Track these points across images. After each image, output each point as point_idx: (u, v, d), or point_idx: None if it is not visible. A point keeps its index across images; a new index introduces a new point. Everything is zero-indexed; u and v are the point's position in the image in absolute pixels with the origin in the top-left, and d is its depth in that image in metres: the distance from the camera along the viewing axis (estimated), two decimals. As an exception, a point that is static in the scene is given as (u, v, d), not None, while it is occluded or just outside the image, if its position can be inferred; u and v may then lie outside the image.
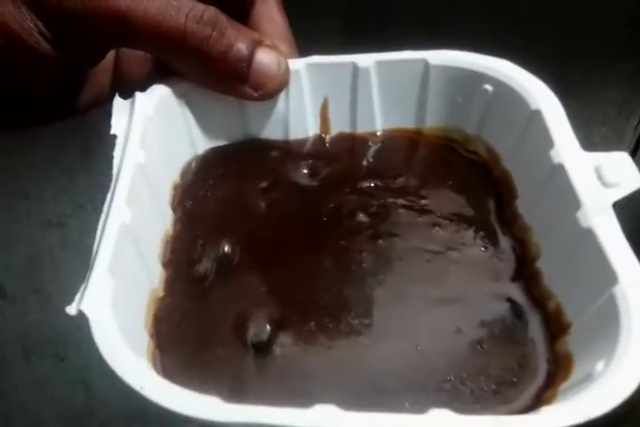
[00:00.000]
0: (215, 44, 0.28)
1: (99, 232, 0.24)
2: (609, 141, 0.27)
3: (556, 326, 0.25)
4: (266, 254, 0.28)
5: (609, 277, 0.23)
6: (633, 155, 0.56)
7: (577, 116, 0.27)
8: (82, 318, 0.21)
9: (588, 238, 0.24)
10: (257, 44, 0.29)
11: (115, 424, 0.68)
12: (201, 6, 0.27)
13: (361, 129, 0.32)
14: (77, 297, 0.22)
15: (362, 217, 0.29)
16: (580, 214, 0.24)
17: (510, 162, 0.30)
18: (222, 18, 0.28)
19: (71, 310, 0.22)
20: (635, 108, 0.54)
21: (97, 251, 0.23)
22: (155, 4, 0.26)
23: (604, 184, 0.25)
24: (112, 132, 0.28)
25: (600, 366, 0.21)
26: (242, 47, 0.28)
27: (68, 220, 0.55)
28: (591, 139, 0.26)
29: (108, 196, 0.25)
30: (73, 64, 0.28)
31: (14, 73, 0.27)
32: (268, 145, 0.32)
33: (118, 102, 0.29)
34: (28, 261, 0.58)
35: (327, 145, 0.32)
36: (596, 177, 0.25)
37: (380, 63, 0.31)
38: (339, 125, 0.32)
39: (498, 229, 0.29)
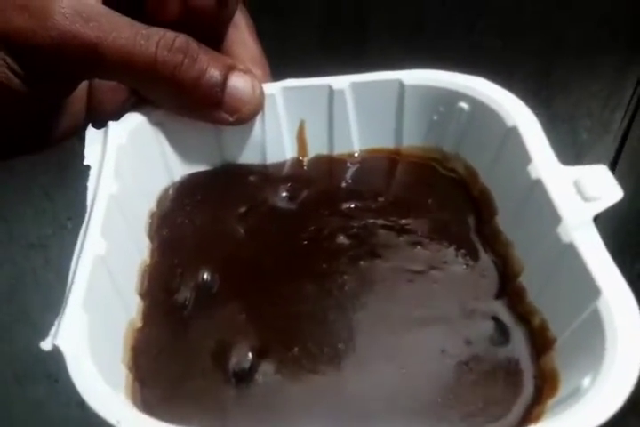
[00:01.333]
0: (187, 71, 0.27)
1: (73, 264, 0.23)
2: (595, 135, 0.27)
3: (541, 343, 0.25)
4: (246, 281, 0.27)
5: (592, 291, 0.22)
6: (620, 148, 0.55)
7: (562, 110, 0.27)
8: (57, 354, 0.21)
9: (569, 253, 0.24)
10: (230, 68, 0.29)
11: None
12: (171, 34, 0.27)
13: (338, 150, 0.32)
14: (52, 332, 0.21)
15: (342, 239, 0.29)
16: (560, 229, 0.24)
17: (489, 179, 0.29)
18: (194, 44, 0.28)
19: (46, 345, 0.21)
20: (620, 100, 0.55)
21: (71, 284, 0.23)
22: (124, 34, 0.26)
23: (584, 198, 0.25)
24: (85, 162, 0.27)
25: (587, 381, 0.21)
26: (215, 73, 0.28)
27: (50, 241, 0.55)
28: (577, 132, 0.26)
29: (82, 227, 0.25)
30: (44, 97, 0.28)
31: None
32: (246, 170, 0.32)
33: (91, 132, 0.28)
34: (13, 283, 0.57)
35: (305, 168, 0.32)
36: (575, 191, 0.25)
37: (355, 85, 0.31)
38: (316, 148, 0.32)
39: (479, 246, 0.28)
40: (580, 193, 0.25)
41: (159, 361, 0.24)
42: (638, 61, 0.54)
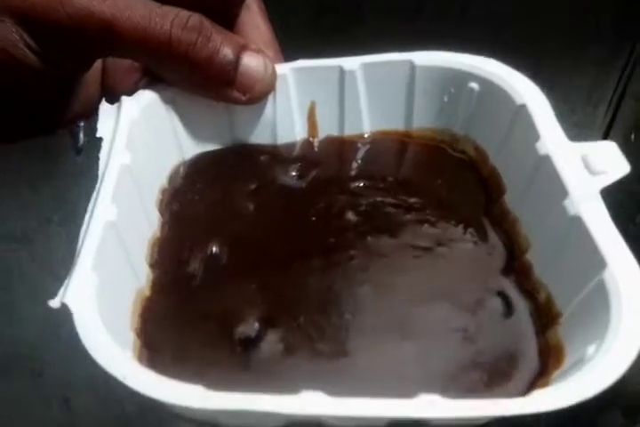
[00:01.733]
0: (201, 50, 0.28)
1: (83, 228, 0.24)
2: (579, 129, 0.27)
3: (546, 317, 0.25)
4: (254, 254, 0.28)
5: (598, 262, 0.22)
6: (604, 140, 0.55)
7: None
8: (65, 311, 0.21)
9: (575, 225, 0.24)
10: (243, 48, 0.29)
11: None
12: (185, 13, 0.27)
13: (349, 132, 0.32)
14: (61, 291, 0.22)
15: (350, 216, 0.29)
16: (567, 202, 0.24)
17: (498, 158, 0.30)
18: (207, 24, 0.28)
19: (54, 303, 0.21)
20: (603, 94, 0.54)
21: (81, 246, 0.23)
22: (139, 12, 0.26)
23: (591, 172, 0.25)
24: (98, 134, 0.28)
25: (591, 350, 0.21)
26: (228, 52, 0.28)
27: (35, 234, 0.55)
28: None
29: (94, 195, 0.25)
30: (60, 75, 0.28)
31: (1, 86, 0.27)
32: (257, 149, 0.32)
33: (105, 107, 0.29)
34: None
35: (315, 148, 0.32)
36: (582, 166, 0.25)
37: (365, 65, 0.31)
38: (326, 129, 0.33)
39: (487, 225, 0.28)
40: (587, 167, 0.25)
41: (167, 328, 0.25)
42: (621, 55, 0.53)
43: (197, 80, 0.29)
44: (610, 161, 0.25)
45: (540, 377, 0.23)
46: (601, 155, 0.25)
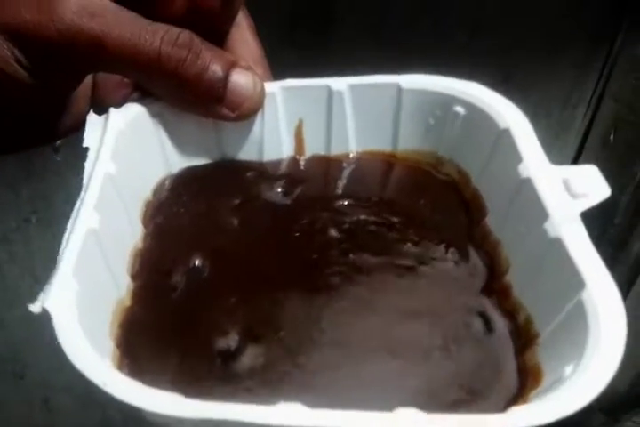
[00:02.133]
0: (190, 67, 0.28)
1: (66, 234, 0.24)
2: (555, 134, 0.27)
3: (525, 337, 0.25)
4: (237, 269, 0.28)
5: (577, 283, 0.23)
6: (582, 144, 0.55)
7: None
8: (45, 317, 0.21)
9: (555, 247, 0.24)
10: (232, 65, 0.29)
11: None
12: (176, 30, 0.28)
13: (335, 151, 0.33)
14: (41, 296, 0.22)
15: (334, 233, 0.29)
16: (547, 225, 0.25)
17: (480, 181, 0.30)
18: (197, 41, 0.28)
19: (35, 307, 0.21)
20: (582, 96, 0.55)
21: (63, 252, 0.23)
22: (129, 29, 0.27)
23: (572, 195, 0.25)
24: (84, 144, 0.28)
25: (569, 369, 0.21)
26: (217, 69, 0.29)
27: (14, 235, 0.54)
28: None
29: (77, 202, 0.25)
30: (51, 90, 0.28)
31: None
32: (243, 165, 0.32)
33: (92, 117, 0.29)
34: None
35: (301, 166, 0.33)
36: (563, 189, 0.25)
37: (353, 87, 0.31)
38: (313, 147, 0.33)
39: (469, 246, 0.29)
40: (567, 190, 0.25)
41: (146, 339, 0.25)
42: (599, 56, 0.54)
43: (186, 96, 0.29)
44: (591, 184, 0.25)
45: (518, 397, 0.23)
46: (582, 178, 0.25)
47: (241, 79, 0.29)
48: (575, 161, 0.58)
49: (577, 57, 0.53)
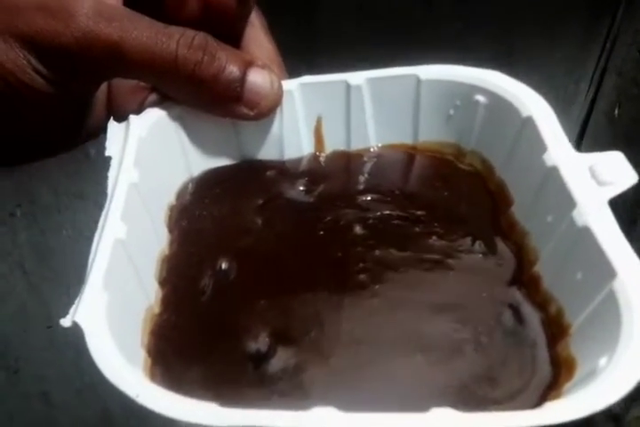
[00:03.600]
0: (207, 68, 0.28)
1: (93, 246, 0.24)
2: (560, 107, 0.27)
3: (557, 329, 0.25)
4: (264, 269, 0.28)
5: (607, 273, 0.22)
6: (587, 119, 0.54)
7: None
8: (76, 330, 0.21)
9: (584, 236, 0.24)
10: (248, 64, 0.29)
11: None
12: (191, 32, 0.28)
13: (355, 146, 0.33)
14: (72, 309, 0.22)
15: (358, 229, 0.29)
16: (575, 213, 0.24)
17: (505, 171, 0.30)
18: (212, 42, 0.28)
19: (65, 322, 0.21)
20: (584, 71, 0.53)
21: (91, 265, 0.23)
22: (145, 33, 0.27)
23: (599, 183, 0.25)
24: (107, 153, 0.28)
25: (603, 361, 0.21)
26: (234, 69, 0.29)
27: (0, 228, 0.53)
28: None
29: (103, 213, 0.25)
30: (68, 97, 0.28)
31: (11, 110, 0.28)
32: (264, 165, 0.32)
33: (113, 125, 0.29)
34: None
35: (322, 163, 0.33)
36: (589, 176, 0.25)
37: (371, 80, 0.31)
38: (333, 143, 0.33)
39: (495, 237, 0.28)
40: (594, 178, 0.25)
41: (177, 346, 0.25)
42: (600, 30, 0.52)
43: (205, 98, 0.29)
44: (617, 171, 0.25)
45: (552, 390, 0.23)
46: (608, 165, 0.25)
47: (258, 78, 0.29)
48: (581, 136, 0.57)
49: (578, 31, 0.52)
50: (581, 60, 0.54)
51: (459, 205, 0.30)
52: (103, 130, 0.32)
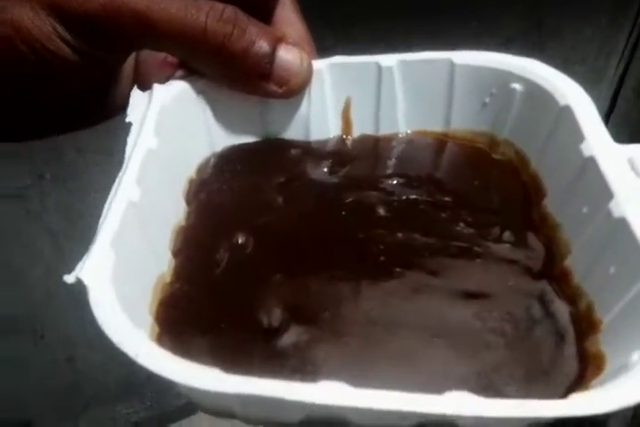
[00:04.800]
0: (237, 42, 0.27)
1: (105, 207, 0.23)
2: (589, 81, 0.26)
3: (586, 325, 0.23)
4: (281, 246, 0.27)
5: None
6: (615, 95, 0.53)
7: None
8: (80, 287, 0.20)
9: (620, 228, 0.23)
10: (279, 41, 0.28)
11: (102, 400, 0.66)
12: (220, 5, 0.27)
13: (384, 130, 0.32)
14: (78, 266, 0.21)
15: (382, 212, 0.28)
16: (612, 204, 0.23)
17: (539, 161, 0.28)
18: (242, 16, 0.27)
19: (69, 278, 0.21)
20: (614, 46, 0.52)
21: (102, 223, 0.22)
22: (174, 4, 0.26)
23: (638, 174, 0.23)
24: (128, 119, 0.27)
25: (635, 356, 0.20)
26: (264, 44, 0.28)
27: (29, 191, 0.53)
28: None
29: (119, 175, 0.24)
30: (95, 68, 0.28)
31: (38, 79, 0.27)
32: (288, 144, 0.31)
33: (136, 92, 0.28)
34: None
35: (349, 146, 0.32)
36: (629, 168, 0.24)
37: (404, 63, 0.30)
38: (361, 127, 0.32)
39: (526, 228, 0.27)
40: (633, 170, 0.24)
41: (187, 315, 0.24)
42: (632, 6, 0.51)
43: (233, 73, 0.29)
44: None
45: (578, 384, 0.22)
46: None
47: (288, 55, 0.28)
48: (609, 113, 0.55)
49: (610, 6, 0.51)
50: (612, 35, 0.52)
51: (489, 194, 0.29)
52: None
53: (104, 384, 0.65)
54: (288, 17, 0.31)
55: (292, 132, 0.32)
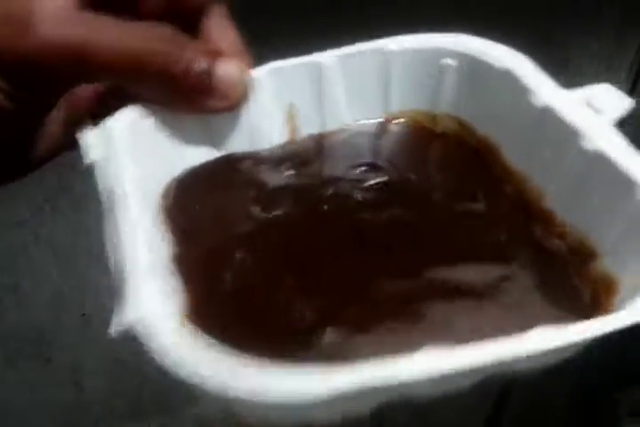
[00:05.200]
0: (176, 62, 0.27)
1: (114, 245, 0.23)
2: (607, 63, 0.27)
3: (584, 252, 0.25)
4: (280, 251, 0.27)
5: (629, 186, 0.23)
6: (636, 78, 0.55)
7: (561, 73, 0.28)
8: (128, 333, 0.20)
9: (597, 160, 0.24)
10: (216, 55, 0.28)
11: (109, 424, 0.65)
12: (154, 26, 0.27)
13: (330, 126, 0.32)
14: (120, 312, 0.21)
15: (359, 197, 0.29)
16: (583, 141, 0.25)
17: (489, 126, 0.30)
18: (178, 35, 0.27)
19: (115, 328, 0.20)
20: (621, 61, 0.55)
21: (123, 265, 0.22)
22: (108, 34, 0.26)
23: (597, 111, 0.25)
24: (89, 160, 0.27)
25: None
26: (202, 61, 0.28)
27: (38, 216, 0.52)
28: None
29: (105, 221, 0.24)
30: (29, 113, 0.27)
31: None
32: (244, 157, 0.31)
33: (87, 132, 0.28)
34: (1, 259, 0.55)
35: (300, 148, 0.32)
36: (587, 108, 0.26)
37: (341, 58, 0.31)
38: (308, 127, 0.32)
39: (491, 186, 0.29)
40: (593, 108, 0.25)
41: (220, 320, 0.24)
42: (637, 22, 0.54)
43: (175, 93, 0.28)
44: (612, 99, 0.25)
45: (595, 310, 0.23)
46: (601, 95, 0.26)
47: (227, 68, 0.28)
48: (631, 91, 0.56)
49: (614, 22, 0.53)
50: (619, 51, 0.55)
51: (445, 164, 0.31)
52: (62, 149, 0.30)
53: (111, 408, 0.65)
54: (220, 26, 0.30)
55: (242, 144, 0.32)
